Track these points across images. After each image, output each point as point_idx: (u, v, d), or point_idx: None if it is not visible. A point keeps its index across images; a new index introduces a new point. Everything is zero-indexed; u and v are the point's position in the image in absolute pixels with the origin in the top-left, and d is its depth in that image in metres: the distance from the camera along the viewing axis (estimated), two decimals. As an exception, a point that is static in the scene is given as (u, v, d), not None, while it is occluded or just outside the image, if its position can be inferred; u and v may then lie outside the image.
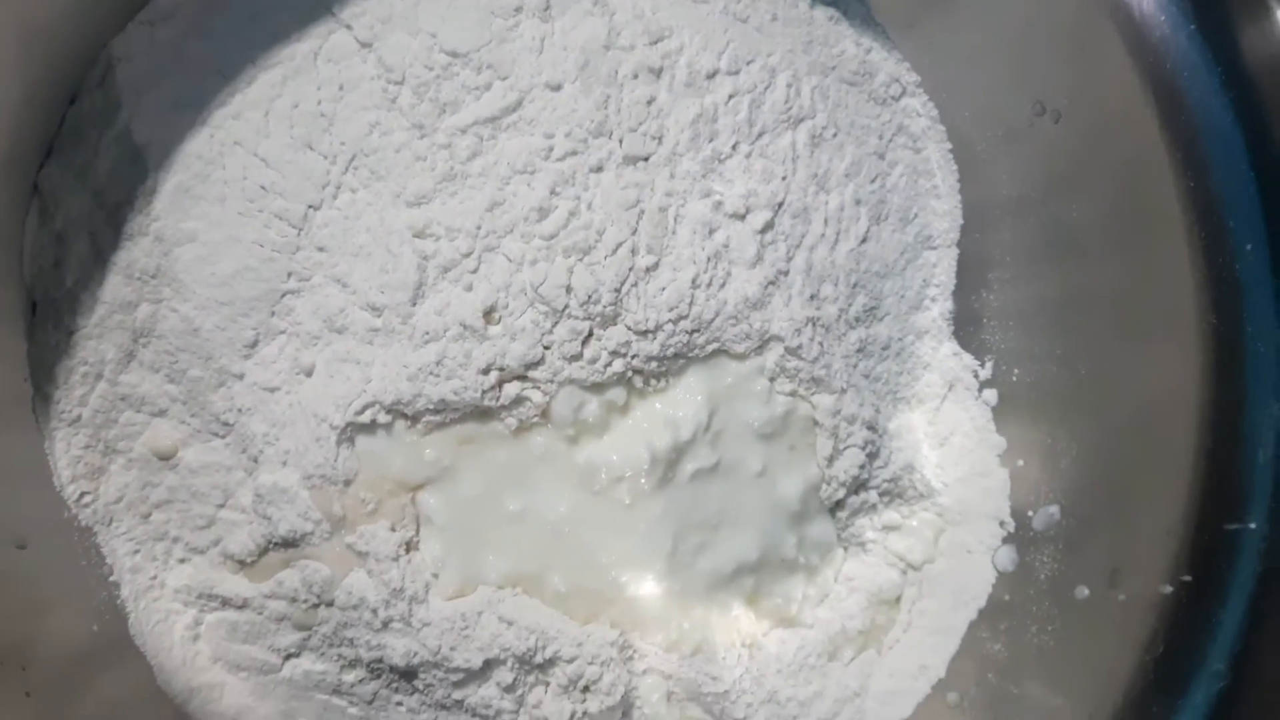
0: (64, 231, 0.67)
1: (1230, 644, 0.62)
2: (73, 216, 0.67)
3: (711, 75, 0.69)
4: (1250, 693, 0.61)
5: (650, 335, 0.67)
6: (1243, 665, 0.61)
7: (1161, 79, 0.64)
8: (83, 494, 0.70)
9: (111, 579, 0.71)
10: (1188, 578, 0.64)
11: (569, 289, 0.66)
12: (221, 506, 0.70)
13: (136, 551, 0.71)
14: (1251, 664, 0.61)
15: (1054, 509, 0.73)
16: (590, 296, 0.66)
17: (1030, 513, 0.75)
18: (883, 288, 0.76)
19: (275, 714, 0.72)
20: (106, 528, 0.71)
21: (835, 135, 0.73)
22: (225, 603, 0.71)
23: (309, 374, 0.68)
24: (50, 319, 0.68)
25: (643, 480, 0.70)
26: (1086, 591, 0.69)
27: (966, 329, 0.80)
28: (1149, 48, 0.65)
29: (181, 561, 0.72)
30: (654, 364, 0.69)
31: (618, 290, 0.66)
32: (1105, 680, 0.66)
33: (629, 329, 0.67)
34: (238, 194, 0.66)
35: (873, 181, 0.76)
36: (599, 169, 0.67)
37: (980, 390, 0.79)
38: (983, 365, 0.79)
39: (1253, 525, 0.62)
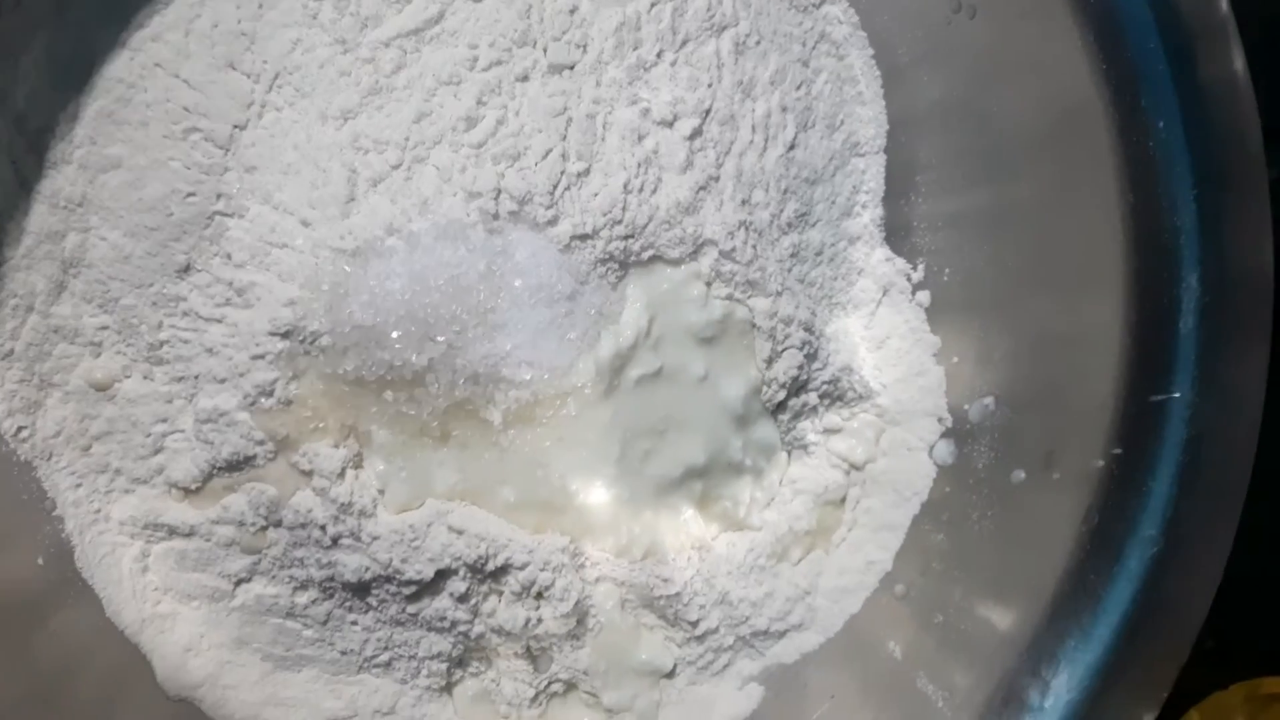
0: (-16, 160, 0.67)
1: (1161, 510, 0.63)
2: (-8, 145, 0.66)
3: (633, -17, 0.70)
4: (1181, 554, 0.63)
5: (589, 240, 0.68)
6: (1174, 529, 0.63)
7: (1070, -38, 0.65)
8: (19, 429, 0.69)
9: (55, 513, 0.70)
10: (1118, 450, 0.65)
11: (500, 193, 0.66)
12: (163, 435, 0.70)
13: (78, 485, 0.71)
14: (1182, 527, 0.63)
15: (989, 400, 0.75)
16: (524, 200, 0.66)
17: (966, 406, 0.76)
18: (813, 194, 0.77)
19: (229, 641, 0.72)
20: (46, 462, 0.70)
21: (759, 43, 0.74)
22: (172, 531, 0.71)
23: (243, 294, 0.67)
24: (-25, 252, 0.67)
25: (588, 390, 0.70)
26: (1023, 475, 0.71)
27: (898, 234, 0.81)
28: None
29: (125, 493, 0.71)
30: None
31: (551, 193, 0.66)
32: (1044, 556, 0.67)
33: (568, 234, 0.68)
34: (161, 117, 0.66)
35: (798, 89, 0.76)
36: (524, 78, 0.68)
37: (914, 293, 0.80)
38: (915, 269, 0.80)
39: (1178, 394, 0.64)
